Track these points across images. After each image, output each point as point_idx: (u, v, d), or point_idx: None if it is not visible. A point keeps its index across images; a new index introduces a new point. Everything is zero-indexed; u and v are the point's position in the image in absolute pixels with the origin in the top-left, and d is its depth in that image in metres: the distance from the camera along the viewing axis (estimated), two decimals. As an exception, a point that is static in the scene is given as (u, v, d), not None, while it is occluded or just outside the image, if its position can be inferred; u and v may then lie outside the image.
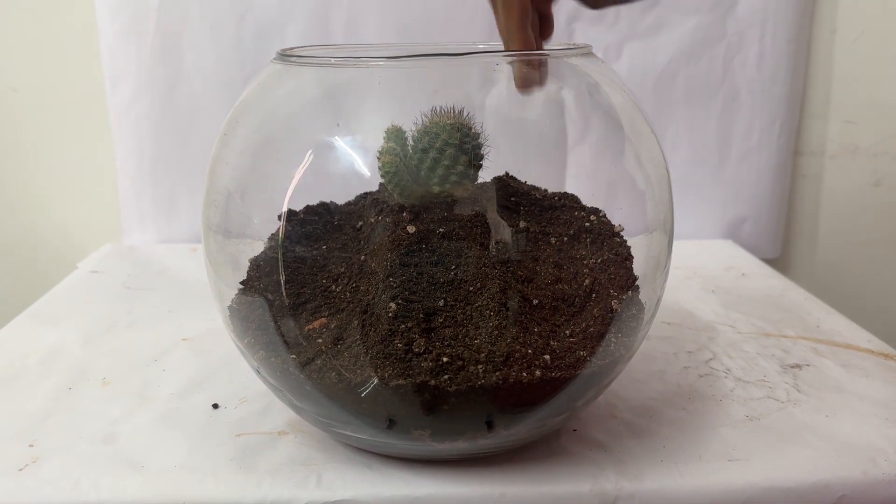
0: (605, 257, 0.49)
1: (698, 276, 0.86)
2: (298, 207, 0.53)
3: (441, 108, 0.47)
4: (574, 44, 0.47)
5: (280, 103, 0.51)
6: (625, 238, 0.50)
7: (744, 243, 1.01)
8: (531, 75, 0.46)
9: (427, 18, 0.91)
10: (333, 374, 0.45)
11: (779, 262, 1.04)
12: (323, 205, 0.55)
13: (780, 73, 0.95)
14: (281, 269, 0.50)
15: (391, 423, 0.47)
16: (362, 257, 0.49)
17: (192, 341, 0.68)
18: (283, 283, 0.50)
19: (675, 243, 0.52)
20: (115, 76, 0.93)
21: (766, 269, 0.89)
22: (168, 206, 0.97)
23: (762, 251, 1.01)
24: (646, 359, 0.64)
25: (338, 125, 0.48)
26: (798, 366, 0.64)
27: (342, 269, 0.49)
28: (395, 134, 0.48)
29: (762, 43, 0.94)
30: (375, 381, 0.44)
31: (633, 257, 0.50)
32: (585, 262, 0.49)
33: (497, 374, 0.43)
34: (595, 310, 0.47)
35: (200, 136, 0.94)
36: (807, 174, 1.03)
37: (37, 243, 1.01)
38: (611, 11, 0.92)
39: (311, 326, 0.48)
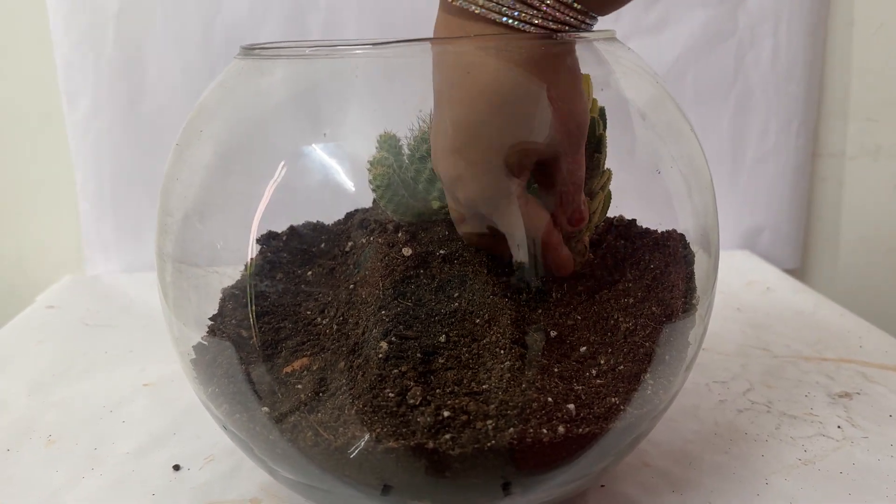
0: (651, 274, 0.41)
1: (720, 293, 0.77)
2: (269, 229, 0.45)
3: None
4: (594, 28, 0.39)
5: (246, 106, 0.43)
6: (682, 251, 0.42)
7: (762, 254, 0.93)
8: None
9: (413, 18, 0.83)
10: (310, 433, 0.37)
11: (798, 272, 0.96)
12: (309, 225, 0.48)
13: (795, 69, 0.88)
14: (251, 302, 0.42)
15: (386, 489, 0.39)
16: (351, 285, 0.41)
17: (155, 387, 0.60)
18: (253, 319, 0.42)
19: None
20: (73, 91, 0.84)
21: (792, 283, 0.82)
22: (133, 231, 0.88)
23: (781, 261, 0.93)
24: (674, 392, 0.56)
25: (324, 135, 0.41)
26: (847, 394, 0.56)
27: (329, 299, 0.42)
28: (389, 142, 0.41)
29: (776, 37, 0.87)
30: (360, 443, 0.36)
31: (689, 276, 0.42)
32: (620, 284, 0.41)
33: (511, 430, 0.35)
34: (627, 342, 0.40)
35: (167, 154, 0.85)
36: (826, 177, 0.95)
37: (-10, 277, 0.93)
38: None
39: (289, 368, 0.41)
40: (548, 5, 0.34)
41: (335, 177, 0.40)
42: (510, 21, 0.34)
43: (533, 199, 0.38)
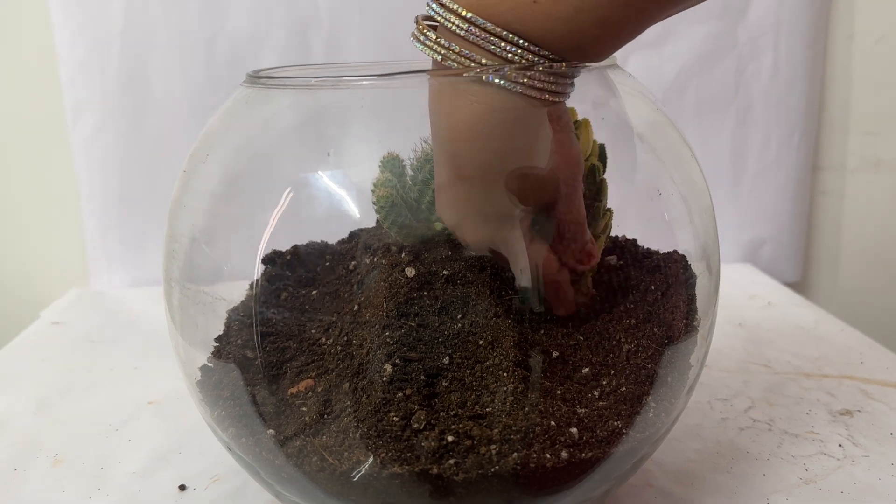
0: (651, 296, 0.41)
1: (721, 307, 0.77)
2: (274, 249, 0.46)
3: None
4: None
5: (252, 133, 0.44)
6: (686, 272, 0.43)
7: (763, 267, 0.93)
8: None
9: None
10: (315, 457, 0.38)
11: (799, 285, 0.97)
12: (313, 244, 0.48)
13: (796, 82, 0.88)
14: (256, 322, 0.43)
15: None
16: (355, 306, 0.42)
17: (160, 405, 0.60)
18: (258, 338, 0.42)
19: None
20: (77, 106, 0.85)
21: (793, 297, 0.82)
22: (138, 246, 0.89)
23: (783, 275, 0.94)
24: (676, 409, 0.56)
25: (328, 155, 0.41)
26: (848, 412, 0.56)
27: (333, 319, 0.42)
28: (392, 163, 0.42)
29: (776, 51, 0.88)
30: (364, 467, 0.36)
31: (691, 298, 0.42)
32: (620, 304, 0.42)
33: (514, 455, 0.36)
34: (629, 364, 0.40)
35: (171, 169, 0.84)
36: (827, 191, 0.96)
37: (-5, 291, 0.93)
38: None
39: (295, 389, 0.41)
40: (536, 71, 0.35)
41: (340, 204, 0.40)
42: (501, 82, 0.35)
43: (539, 239, 0.38)
